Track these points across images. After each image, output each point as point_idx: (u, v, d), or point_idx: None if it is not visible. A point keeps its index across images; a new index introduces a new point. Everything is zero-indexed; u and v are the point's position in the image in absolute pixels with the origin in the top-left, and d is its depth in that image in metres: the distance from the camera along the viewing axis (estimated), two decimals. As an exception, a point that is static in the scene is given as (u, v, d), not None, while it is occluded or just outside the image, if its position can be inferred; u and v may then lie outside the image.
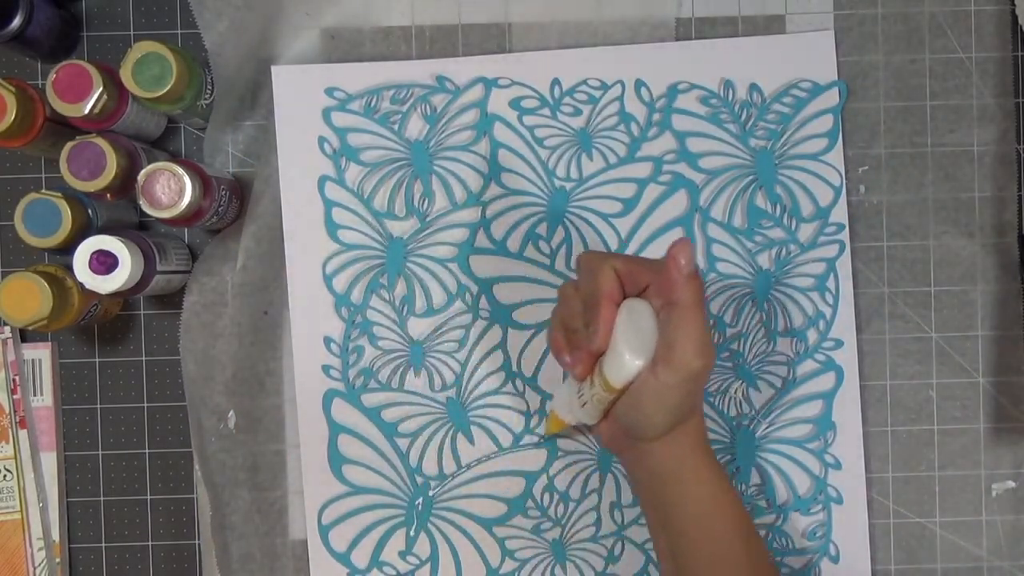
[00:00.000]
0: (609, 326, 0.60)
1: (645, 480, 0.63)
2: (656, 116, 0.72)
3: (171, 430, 0.73)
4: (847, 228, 0.72)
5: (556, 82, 0.72)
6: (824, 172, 0.72)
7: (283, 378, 0.72)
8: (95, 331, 0.73)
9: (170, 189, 0.64)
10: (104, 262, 0.64)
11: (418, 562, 0.72)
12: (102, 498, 0.72)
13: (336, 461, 0.71)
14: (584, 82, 0.72)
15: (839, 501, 0.72)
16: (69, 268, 0.65)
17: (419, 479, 0.72)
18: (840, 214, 0.72)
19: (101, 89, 0.64)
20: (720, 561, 0.61)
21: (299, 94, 0.71)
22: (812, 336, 0.72)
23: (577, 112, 0.72)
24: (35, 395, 0.72)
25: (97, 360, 0.73)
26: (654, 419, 0.60)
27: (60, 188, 0.66)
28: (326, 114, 0.71)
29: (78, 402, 0.72)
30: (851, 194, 0.72)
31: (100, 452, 0.72)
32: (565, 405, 0.64)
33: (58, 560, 0.72)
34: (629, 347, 0.59)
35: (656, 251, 0.72)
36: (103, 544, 0.72)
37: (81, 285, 0.64)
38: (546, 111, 0.72)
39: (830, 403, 0.72)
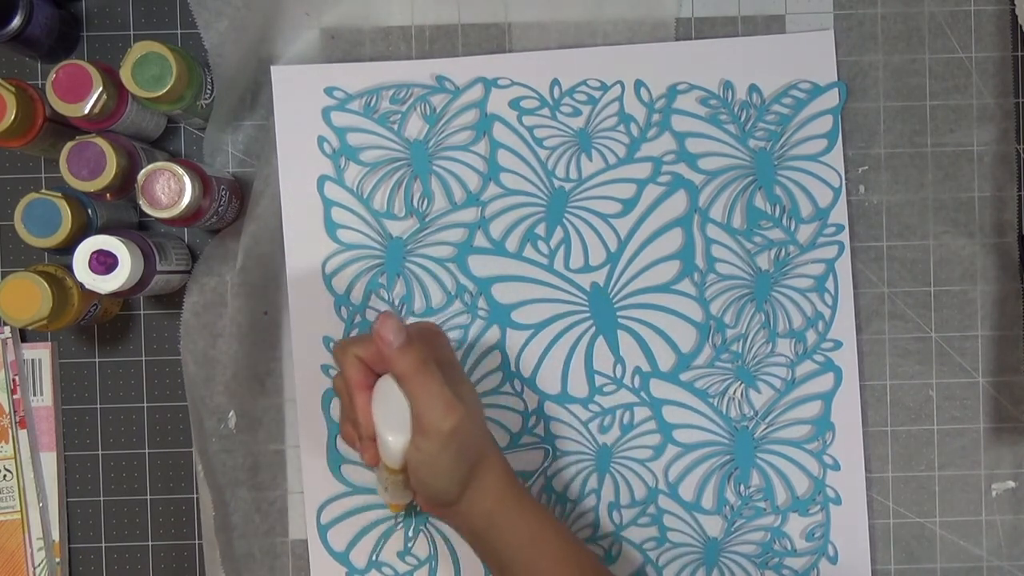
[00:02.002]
0: (366, 412, 0.60)
1: (468, 538, 0.63)
2: (655, 117, 0.72)
3: (171, 430, 0.73)
4: (847, 229, 0.72)
5: (556, 82, 0.72)
6: (823, 173, 0.72)
7: (283, 378, 0.72)
8: (95, 331, 0.73)
9: (170, 189, 0.64)
10: (104, 262, 0.64)
11: (417, 562, 0.72)
12: (102, 498, 0.72)
13: (335, 461, 0.72)
14: (584, 82, 0.72)
15: (837, 502, 0.72)
16: (69, 268, 0.65)
17: (418, 479, 0.72)
18: (839, 215, 0.72)
19: (101, 89, 0.64)
20: None
21: (299, 94, 0.71)
22: (811, 337, 0.72)
23: (577, 112, 0.72)
24: (35, 395, 0.72)
25: (97, 360, 0.73)
26: (438, 486, 0.60)
27: (60, 188, 0.66)
28: (326, 114, 0.71)
29: (78, 402, 0.72)
30: (851, 194, 0.72)
31: (100, 452, 0.72)
32: (380, 489, 0.65)
33: (58, 560, 0.72)
34: (387, 428, 0.59)
35: (655, 251, 0.72)
36: (103, 544, 0.72)
37: (81, 285, 0.64)
38: (546, 111, 0.72)
39: (829, 404, 0.72)
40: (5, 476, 0.71)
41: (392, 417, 0.59)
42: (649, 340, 0.72)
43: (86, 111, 0.64)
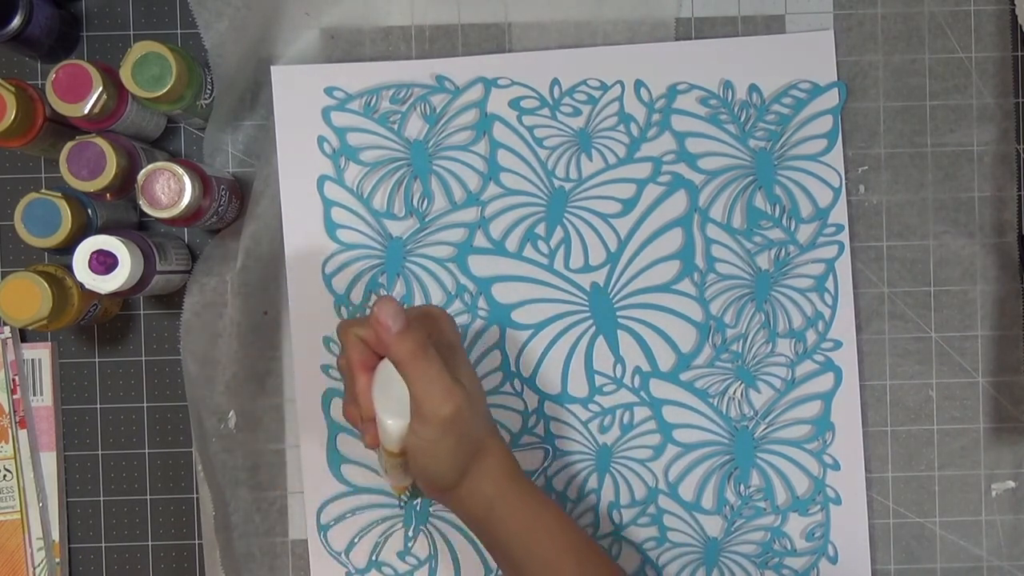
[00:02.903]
0: (366, 394, 0.60)
1: (469, 522, 0.63)
2: (655, 116, 0.72)
3: (171, 430, 0.73)
4: (846, 229, 0.72)
5: (556, 82, 0.72)
6: (823, 173, 0.72)
7: (283, 378, 0.72)
8: (95, 331, 0.73)
9: (170, 189, 0.64)
10: (104, 262, 0.64)
11: (416, 562, 0.72)
12: (102, 498, 0.72)
13: (335, 460, 0.72)
14: (584, 82, 0.72)
15: (837, 502, 0.72)
16: (69, 268, 0.65)
17: (418, 479, 0.72)
18: (839, 215, 0.72)
19: (101, 89, 0.64)
20: None
21: (299, 94, 0.71)
22: (811, 337, 0.72)
23: (577, 112, 0.72)
24: (35, 395, 0.72)
25: (97, 360, 0.73)
26: (437, 472, 0.60)
27: (60, 188, 0.66)
28: (326, 114, 0.71)
29: (78, 402, 0.72)
30: (851, 194, 0.72)
31: (100, 452, 0.72)
32: (381, 471, 0.64)
33: (58, 560, 0.72)
34: (385, 411, 0.59)
35: (655, 251, 0.72)
36: (103, 544, 0.72)
37: (81, 285, 0.64)
38: (546, 111, 0.72)
39: (829, 404, 0.72)
40: (5, 476, 0.71)
41: (392, 401, 0.59)
42: (649, 340, 0.72)
43: (86, 111, 0.64)
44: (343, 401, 0.63)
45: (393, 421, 0.59)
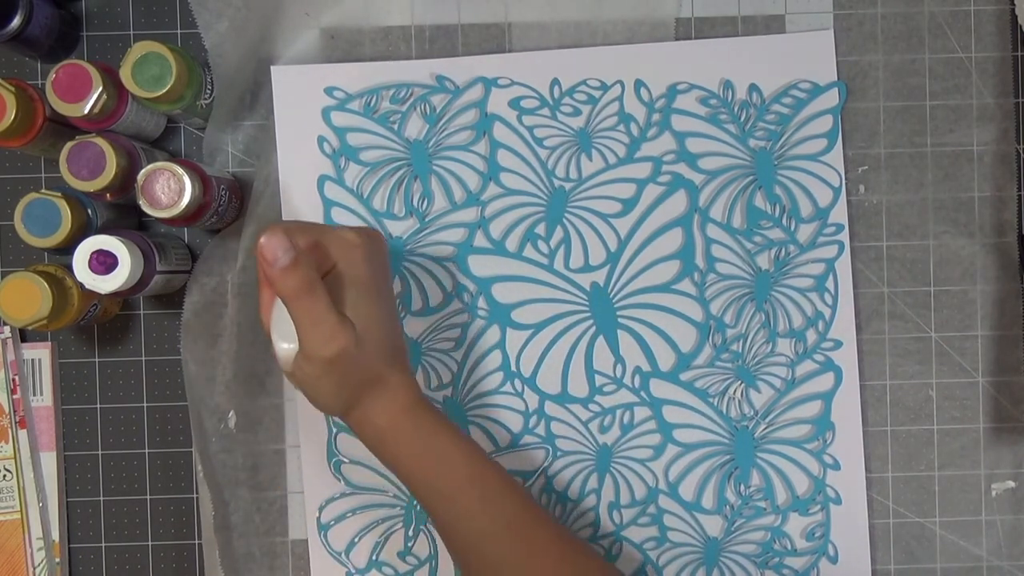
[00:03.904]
0: (266, 312, 0.60)
1: (365, 444, 0.62)
2: (655, 116, 0.72)
3: (171, 430, 0.73)
4: (846, 229, 0.72)
5: (556, 82, 0.72)
6: (823, 173, 0.72)
7: (283, 378, 0.72)
8: (95, 331, 0.73)
9: (170, 189, 0.64)
10: (104, 262, 0.64)
11: (417, 562, 0.72)
12: (102, 498, 0.72)
13: (335, 460, 0.72)
14: (584, 82, 0.72)
15: (837, 501, 0.72)
16: (69, 268, 0.65)
17: (418, 479, 0.72)
18: (839, 215, 0.72)
19: (101, 89, 0.64)
20: (452, 516, 0.60)
21: (299, 94, 0.71)
22: (811, 337, 0.72)
23: (576, 112, 0.72)
24: (35, 395, 0.72)
25: (97, 360, 0.73)
26: (319, 403, 0.60)
27: (60, 188, 0.66)
28: (326, 114, 0.71)
29: (78, 402, 0.72)
30: (851, 194, 0.72)
31: (100, 452, 0.72)
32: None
33: (58, 560, 0.72)
34: (279, 335, 0.59)
35: (655, 251, 0.72)
36: (103, 544, 0.72)
37: (81, 285, 0.64)
38: (546, 111, 0.72)
39: (829, 403, 0.72)
40: (5, 476, 0.71)
41: (286, 324, 0.58)
42: (649, 340, 0.72)
43: (86, 111, 0.64)
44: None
45: (286, 345, 0.59)
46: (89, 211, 0.67)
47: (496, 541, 0.60)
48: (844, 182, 0.72)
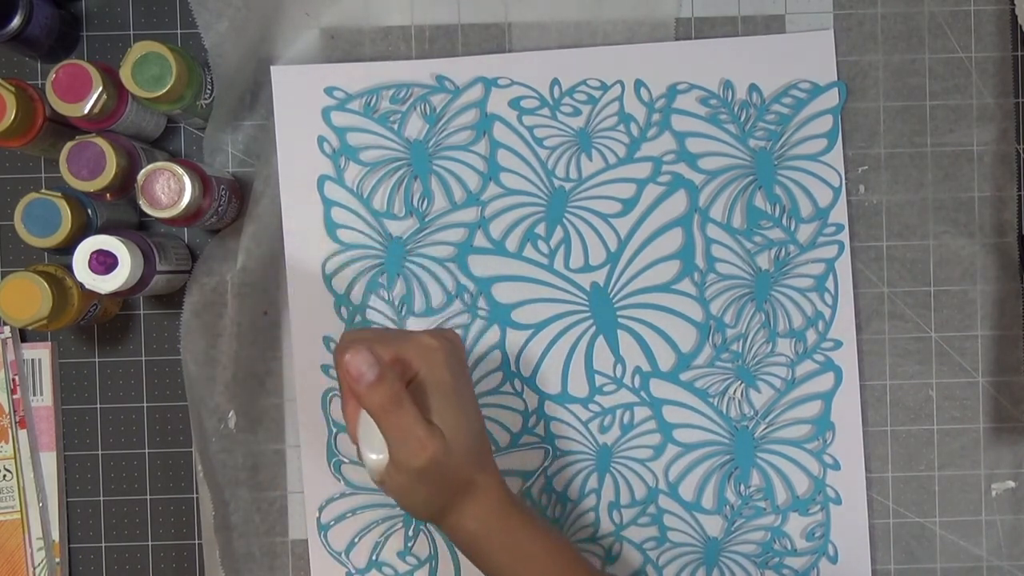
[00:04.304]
0: (352, 423, 0.60)
1: (458, 549, 0.63)
2: (656, 116, 0.72)
3: (171, 430, 0.73)
4: (846, 229, 0.72)
5: (556, 82, 0.72)
6: (823, 173, 0.72)
7: (283, 378, 0.72)
8: (95, 331, 0.73)
9: (170, 189, 0.64)
10: (104, 262, 0.64)
11: (417, 562, 0.72)
12: (102, 498, 0.72)
13: (335, 460, 0.72)
14: (584, 82, 0.72)
15: (837, 501, 0.72)
16: (69, 268, 0.65)
17: (418, 479, 0.72)
18: (839, 215, 0.72)
19: (101, 89, 0.64)
20: None
21: (299, 94, 0.71)
22: (811, 337, 0.72)
23: (577, 112, 0.72)
24: (35, 395, 0.72)
25: (97, 360, 0.73)
26: (413, 510, 0.60)
27: (60, 188, 0.66)
28: (326, 114, 0.71)
29: (78, 402, 0.72)
30: (850, 194, 0.72)
31: (100, 452, 0.72)
32: None
33: (58, 560, 0.72)
34: (367, 446, 0.59)
35: (655, 251, 0.72)
36: (103, 544, 0.72)
37: (81, 285, 0.64)
38: (546, 111, 0.72)
39: (829, 403, 0.72)
40: (5, 476, 0.71)
41: (374, 435, 0.59)
42: (649, 340, 0.72)
43: (86, 111, 0.64)
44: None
45: (375, 456, 0.59)
46: (89, 211, 0.67)
47: None
48: (844, 182, 0.72)
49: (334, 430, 0.72)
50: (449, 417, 0.59)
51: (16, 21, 0.66)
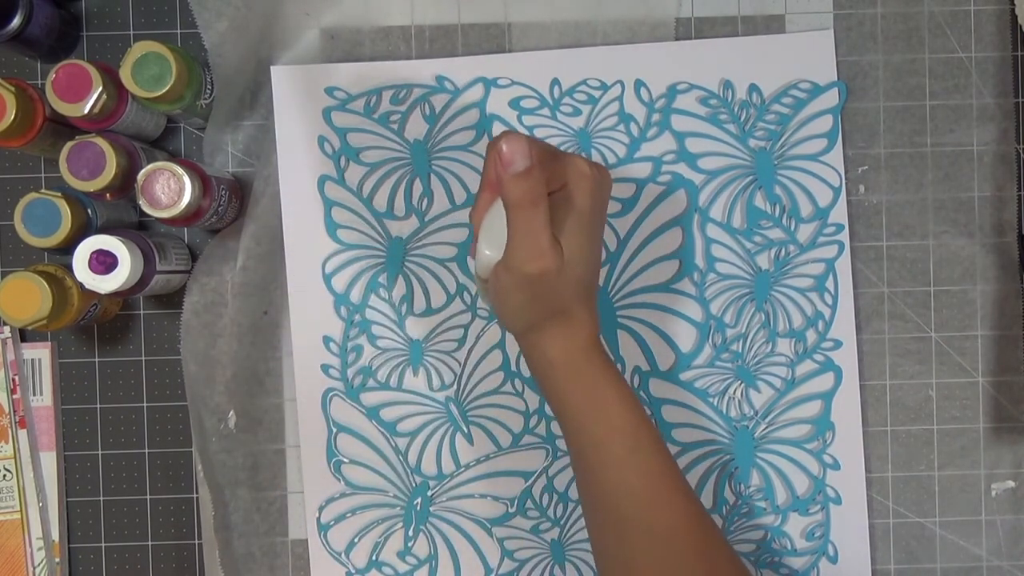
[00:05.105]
0: (479, 213, 0.59)
1: (531, 372, 0.62)
2: (655, 116, 0.72)
3: (171, 430, 0.73)
4: (847, 228, 0.72)
5: (556, 82, 0.72)
6: (823, 173, 0.72)
7: (283, 378, 0.72)
8: (95, 331, 0.73)
9: (170, 189, 0.64)
10: (104, 262, 0.64)
11: (417, 562, 0.72)
12: (102, 498, 0.72)
13: (335, 460, 0.72)
14: (584, 82, 0.72)
15: (838, 501, 0.72)
16: (69, 268, 0.65)
17: (418, 479, 0.72)
18: (839, 215, 0.72)
19: (101, 89, 0.64)
20: (598, 462, 0.59)
21: (299, 94, 0.71)
22: (811, 336, 0.72)
23: (577, 112, 0.72)
24: (35, 395, 0.72)
25: (97, 360, 0.73)
26: (503, 315, 0.59)
27: (60, 188, 0.66)
28: (326, 114, 0.71)
29: (78, 402, 0.72)
30: (850, 194, 0.72)
31: (100, 452, 0.72)
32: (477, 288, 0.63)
33: (58, 560, 0.72)
34: (486, 240, 0.58)
35: (655, 251, 0.72)
36: (103, 544, 0.72)
37: (81, 285, 0.64)
38: (546, 111, 0.72)
39: (829, 403, 0.72)
40: (5, 476, 0.71)
41: (496, 231, 0.58)
42: (649, 340, 0.72)
43: (86, 111, 0.64)
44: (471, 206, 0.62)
45: (489, 252, 0.58)
46: (89, 211, 0.67)
47: (633, 497, 0.59)
48: (844, 182, 0.72)
49: (334, 430, 0.72)
50: (575, 241, 0.58)
51: (16, 21, 0.66)
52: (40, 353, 0.72)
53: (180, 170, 0.64)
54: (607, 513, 0.60)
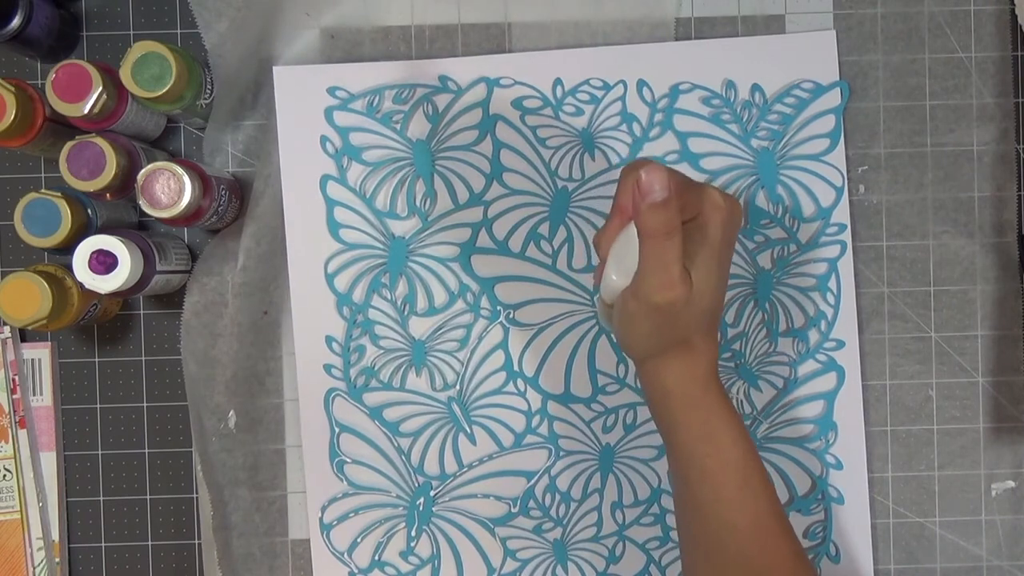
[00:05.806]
0: (607, 239, 0.59)
1: (645, 395, 0.62)
2: (658, 116, 0.72)
3: (171, 430, 0.72)
4: (849, 228, 0.72)
5: (559, 82, 0.72)
6: (826, 172, 0.72)
7: (283, 378, 0.72)
8: (95, 331, 0.72)
9: (170, 189, 0.64)
10: (104, 262, 0.64)
11: (419, 562, 0.72)
12: (102, 498, 0.72)
13: (337, 460, 0.71)
14: (586, 82, 0.72)
15: (840, 501, 0.72)
16: (69, 268, 0.65)
17: (420, 479, 0.72)
18: (842, 214, 0.72)
19: (101, 89, 0.64)
20: (704, 497, 0.60)
21: (301, 94, 0.71)
22: (813, 336, 0.72)
23: (579, 112, 0.72)
24: (35, 395, 0.71)
25: (97, 360, 0.72)
26: (624, 341, 0.59)
27: (60, 188, 0.66)
28: (328, 113, 0.71)
29: (78, 402, 0.72)
30: (851, 194, 0.72)
31: (100, 452, 0.72)
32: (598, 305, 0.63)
33: (58, 560, 0.71)
34: (614, 266, 0.58)
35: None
36: (103, 544, 0.72)
37: (81, 285, 0.64)
38: (548, 111, 0.72)
39: (831, 403, 0.72)
40: (5, 476, 0.71)
41: (625, 258, 0.58)
42: (650, 340, 0.72)
43: (86, 111, 0.64)
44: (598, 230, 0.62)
45: (616, 277, 0.58)
46: (89, 211, 0.67)
47: (736, 535, 0.59)
48: (846, 181, 0.72)
49: (336, 430, 0.71)
50: (704, 273, 0.58)
51: (16, 21, 0.66)
52: (40, 353, 0.72)
53: (180, 170, 0.64)
54: (708, 549, 0.60)
